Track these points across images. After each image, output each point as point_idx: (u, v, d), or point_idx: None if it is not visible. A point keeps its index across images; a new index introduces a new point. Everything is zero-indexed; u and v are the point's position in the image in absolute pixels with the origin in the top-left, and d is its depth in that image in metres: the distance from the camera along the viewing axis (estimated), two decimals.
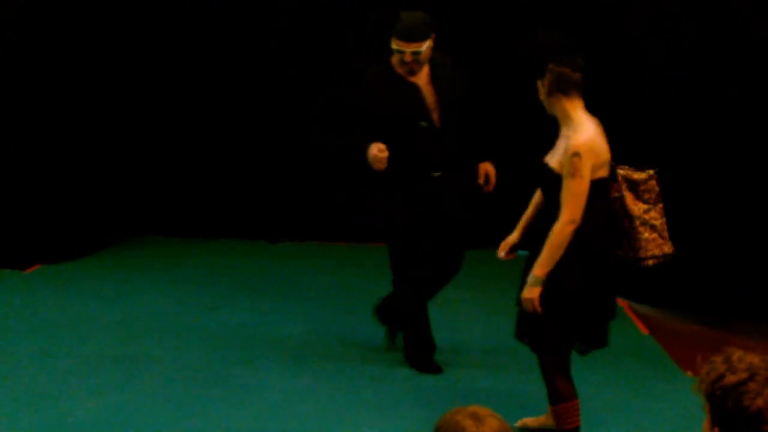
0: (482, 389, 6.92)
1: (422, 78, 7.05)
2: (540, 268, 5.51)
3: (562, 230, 5.47)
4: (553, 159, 5.58)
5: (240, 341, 7.84)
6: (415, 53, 6.89)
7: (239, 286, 9.30)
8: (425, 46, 6.89)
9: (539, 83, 5.63)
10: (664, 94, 8.45)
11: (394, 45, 6.94)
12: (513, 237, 6.06)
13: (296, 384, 7.00)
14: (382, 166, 6.90)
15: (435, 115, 7.04)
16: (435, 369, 7.23)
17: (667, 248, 5.80)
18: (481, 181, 7.21)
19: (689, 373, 7.20)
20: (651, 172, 5.80)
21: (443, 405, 6.22)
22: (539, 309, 5.55)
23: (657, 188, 5.79)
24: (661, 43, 8.51)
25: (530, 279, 5.54)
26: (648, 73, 8.53)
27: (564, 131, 5.59)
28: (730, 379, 2.97)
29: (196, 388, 6.88)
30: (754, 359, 3.01)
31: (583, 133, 5.50)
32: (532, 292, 5.54)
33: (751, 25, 8.16)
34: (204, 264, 10.06)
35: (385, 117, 7.01)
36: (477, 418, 3.13)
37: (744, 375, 2.96)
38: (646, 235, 5.71)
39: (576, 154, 5.42)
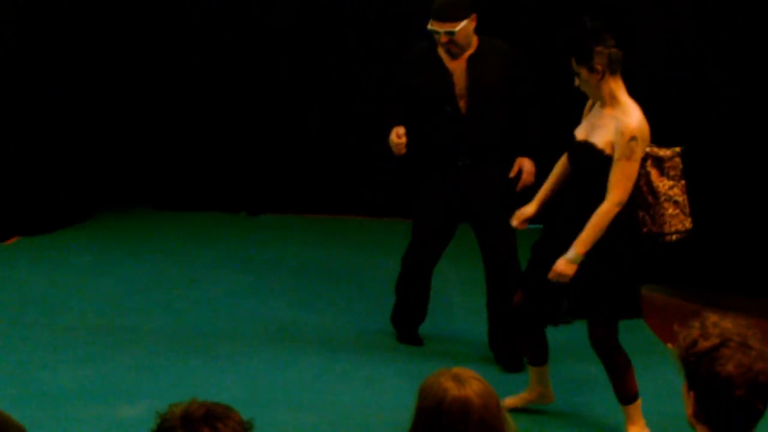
0: (467, 359, 6.91)
1: (460, 62, 6.76)
2: (582, 245, 5.58)
3: (610, 211, 5.56)
4: (600, 139, 5.60)
5: (222, 313, 7.84)
6: (449, 33, 6.60)
7: (220, 259, 9.27)
8: (459, 26, 6.57)
9: (582, 68, 5.60)
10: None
11: (429, 25, 6.68)
12: (530, 209, 6.10)
13: (280, 354, 7.02)
14: (398, 151, 6.81)
15: (462, 102, 6.75)
16: (417, 341, 7.24)
17: (688, 224, 5.89)
18: (512, 175, 6.91)
19: (670, 346, 7.23)
20: (677, 149, 5.87)
21: (426, 373, 6.32)
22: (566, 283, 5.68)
23: (681, 165, 5.86)
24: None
25: (571, 256, 5.60)
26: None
27: (609, 112, 5.63)
28: (703, 344, 2.98)
29: (179, 358, 6.89)
30: (728, 324, 3.02)
31: (635, 115, 5.59)
32: (570, 268, 5.61)
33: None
34: (184, 236, 10.02)
35: (416, 97, 6.88)
36: (459, 380, 3.18)
37: (716, 341, 2.98)
38: (671, 210, 5.79)
39: (633, 138, 5.51)
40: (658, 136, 5.88)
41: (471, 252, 8.11)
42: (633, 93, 5.77)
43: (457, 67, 6.74)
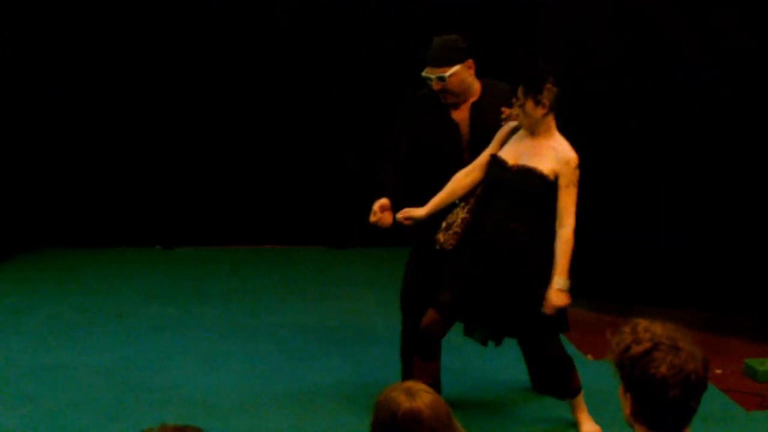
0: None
1: (464, 111, 6.44)
2: (564, 272, 5.85)
3: (572, 235, 5.87)
4: (543, 166, 5.88)
5: (151, 346, 7.94)
6: (440, 79, 6.29)
7: (143, 293, 9.40)
8: (450, 72, 6.28)
9: (528, 99, 5.87)
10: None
11: (423, 71, 6.38)
12: (421, 212, 6.20)
13: (213, 383, 7.12)
14: (381, 225, 6.38)
15: (466, 155, 6.37)
16: None
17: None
18: None
19: (590, 357, 7.55)
20: None
21: (359, 396, 6.51)
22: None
23: None
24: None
25: (561, 284, 5.84)
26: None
27: (545, 142, 5.93)
28: (636, 349, 3.15)
29: (114, 393, 6.92)
30: (658, 329, 3.19)
31: (569, 147, 5.92)
32: (564, 297, 5.89)
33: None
34: (104, 273, 10.12)
35: (417, 146, 6.52)
36: (410, 393, 3.31)
37: (648, 344, 3.14)
38: None
39: (578, 166, 5.85)
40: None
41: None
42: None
43: (461, 116, 6.43)
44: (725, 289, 8.56)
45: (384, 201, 6.37)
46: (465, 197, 6.19)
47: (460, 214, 6.17)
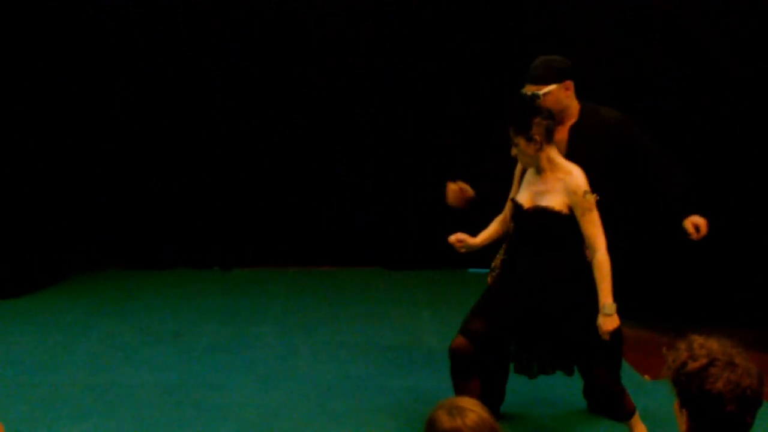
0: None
1: (562, 131, 6.36)
2: (608, 296, 5.80)
3: (606, 258, 5.81)
4: (554, 201, 5.87)
5: (209, 365, 7.99)
6: (535, 96, 6.25)
7: (200, 313, 9.46)
8: (545, 90, 6.25)
9: (520, 138, 5.88)
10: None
11: (523, 88, 6.37)
12: (476, 240, 6.25)
13: (270, 402, 7.15)
14: (454, 200, 6.60)
15: None
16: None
17: None
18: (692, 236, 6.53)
19: (647, 377, 7.52)
20: None
21: (416, 414, 6.52)
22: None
23: None
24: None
25: (608, 309, 5.79)
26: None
27: (551, 176, 5.90)
28: (693, 365, 3.18)
29: (172, 411, 6.98)
30: (713, 345, 3.22)
31: (577, 172, 5.87)
32: (614, 320, 5.82)
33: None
34: (162, 293, 10.20)
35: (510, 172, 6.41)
36: (453, 412, 3.33)
37: (704, 361, 3.18)
38: None
39: (587, 192, 5.80)
40: None
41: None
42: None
43: (559, 137, 6.29)
44: None
45: (466, 186, 6.56)
46: (506, 237, 6.27)
47: (500, 256, 6.29)
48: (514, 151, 5.97)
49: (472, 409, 3.36)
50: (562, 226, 5.87)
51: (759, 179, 8.61)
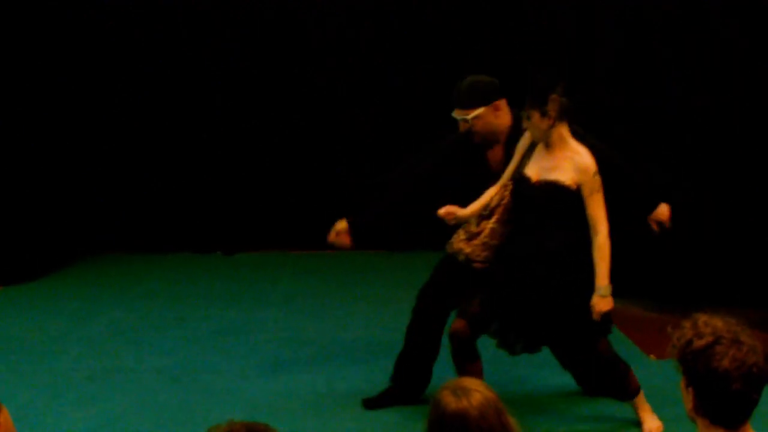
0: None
1: (497, 151, 6.37)
2: (605, 278, 5.85)
3: (607, 241, 5.86)
4: (563, 177, 5.88)
5: (214, 349, 7.99)
6: (464, 121, 6.27)
7: (203, 298, 9.46)
8: (473, 114, 6.22)
9: (534, 111, 5.87)
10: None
11: (453, 112, 6.36)
12: (464, 212, 6.18)
13: (278, 385, 7.16)
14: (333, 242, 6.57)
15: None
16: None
17: None
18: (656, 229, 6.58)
19: (652, 357, 7.51)
20: None
21: (423, 398, 6.52)
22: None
23: None
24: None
25: (603, 291, 5.85)
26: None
27: (561, 153, 5.92)
28: (698, 343, 3.16)
29: (179, 395, 6.99)
30: (718, 323, 3.20)
31: (586, 153, 5.91)
32: (609, 301, 5.88)
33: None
34: (165, 278, 10.21)
35: (449, 188, 6.40)
36: (459, 393, 3.31)
37: (710, 339, 3.15)
38: None
39: (596, 173, 5.85)
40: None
41: None
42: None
43: (496, 157, 6.37)
44: None
45: (343, 225, 6.50)
46: (491, 208, 6.20)
47: (488, 224, 6.18)
48: (525, 124, 5.96)
49: (477, 389, 3.35)
50: (569, 201, 5.88)
51: (763, 168, 8.59)
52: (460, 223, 6.23)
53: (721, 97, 8.56)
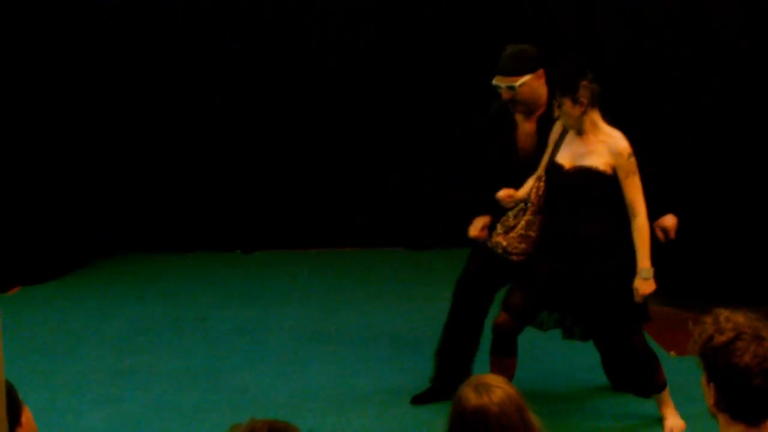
0: None
1: (531, 124, 6.43)
2: (647, 260, 5.87)
3: (646, 223, 5.89)
4: (598, 162, 5.90)
5: (234, 348, 7.99)
6: (510, 88, 6.30)
7: (223, 296, 9.46)
8: (520, 81, 6.27)
9: (566, 99, 5.88)
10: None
11: (493, 80, 6.39)
12: (521, 194, 6.20)
13: (297, 385, 7.16)
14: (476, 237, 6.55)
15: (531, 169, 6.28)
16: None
17: None
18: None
19: (672, 353, 7.48)
20: None
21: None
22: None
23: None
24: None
25: (645, 273, 5.87)
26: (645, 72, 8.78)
27: (594, 138, 5.94)
28: (719, 339, 3.16)
29: (199, 395, 7.00)
30: (740, 318, 3.20)
31: (621, 136, 5.92)
32: (652, 284, 5.91)
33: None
34: (184, 277, 10.22)
35: (486, 160, 6.56)
36: (480, 389, 3.33)
37: (731, 334, 3.15)
38: None
39: (631, 155, 5.86)
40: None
41: None
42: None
43: (530, 129, 6.43)
44: None
45: (486, 220, 6.52)
46: (524, 200, 6.20)
47: (525, 217, 6.18)
48: (557, 112, 5.97)
49: (499, 385, 3.37)
50: (604, 186, 5.89)
51: (763, 168, 8.56)
52: (515, 204, 6.23)
53: (721, 97, 8.53)
